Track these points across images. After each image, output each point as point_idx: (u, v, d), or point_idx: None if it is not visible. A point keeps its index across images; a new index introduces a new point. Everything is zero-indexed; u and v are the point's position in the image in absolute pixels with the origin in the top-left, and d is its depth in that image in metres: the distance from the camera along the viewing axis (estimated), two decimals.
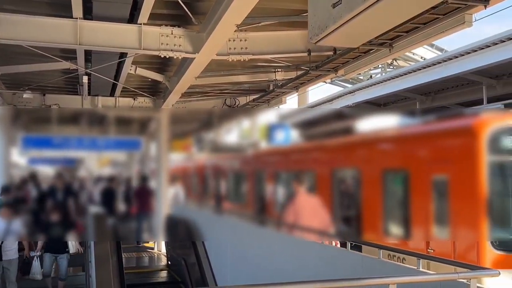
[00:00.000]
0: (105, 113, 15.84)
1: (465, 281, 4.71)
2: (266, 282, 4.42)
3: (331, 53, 9.32)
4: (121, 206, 8.20)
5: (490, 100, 15.91)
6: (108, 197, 7.97)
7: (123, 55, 10.43)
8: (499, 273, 4.54)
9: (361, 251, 8.29)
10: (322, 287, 4.06)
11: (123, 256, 9.42)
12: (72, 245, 10.93)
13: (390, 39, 7.49)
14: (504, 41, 13.50)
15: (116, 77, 12.59)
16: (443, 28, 6.83)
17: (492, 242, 7.55)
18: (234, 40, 9.12)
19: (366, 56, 8.96)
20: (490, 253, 7.55)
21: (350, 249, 7.95)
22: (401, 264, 7.38)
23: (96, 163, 8.66)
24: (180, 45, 8.68)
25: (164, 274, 13.54)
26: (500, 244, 7.53)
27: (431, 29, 6.63)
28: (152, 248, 17.75)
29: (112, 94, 15.04)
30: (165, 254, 15.02)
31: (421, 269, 6.07)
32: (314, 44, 5.73)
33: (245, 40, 9.13)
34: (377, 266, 6.95)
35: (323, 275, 6.39)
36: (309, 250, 8.74)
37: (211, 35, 7.95)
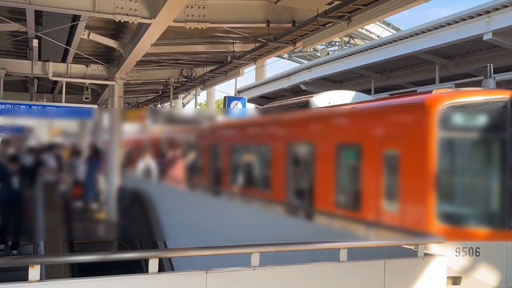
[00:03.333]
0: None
1: (412, 247, 4.87)
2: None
3: (290, 25, 9.27)
4: (71, 176, 7.97)
5: (442, 80, 16.33)
6: (57, 167, 7.71)
7: (76, 18, 10.03)
8: (445, 241, 4.71)
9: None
10: (273, 250, 4.07)
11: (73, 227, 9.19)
12: None
13: (349, 12, 7.49)
14: (458, 22, 13.79)
15: (69, 42, 12.14)
16: (402, 2, 6.88)
17: (439, 216, 7.78)
18: (192, 7, 8.92)
19: (324, 29, 8.95)
20: (437, 226, 7.78)
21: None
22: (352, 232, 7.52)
23: (47, 132, 8.34)
24: (136, 10, 8.42)
25: (115, 245, 13.34)
26: (446, 218, 7.77)
27: (389, 3, 6.66)
28: (104, 219, 17.44)
29: (64, 60, 14.51)
30: (117, 225, 14.77)
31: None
32: (273, 15, 5.70)
33: (204, 7, 8.94)
34: (328, 234, 7.06)
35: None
36: (261, 219, 8.81)
37: (168, 0, 7.74)
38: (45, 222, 8.27)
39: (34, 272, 3.34)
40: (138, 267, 11.03)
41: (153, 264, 3.67)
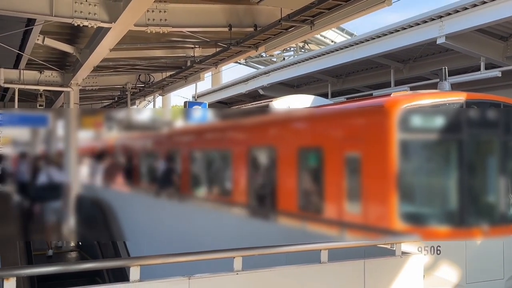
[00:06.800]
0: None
1: (388, 246, 4.96)
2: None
3: (252, 29, 9.27)
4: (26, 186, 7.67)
5: (397, 83, 16.73)
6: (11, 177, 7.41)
7: (30, 22, 9.72)
8: (421, 240, 4.83)
9: None
10: (255, 253, 4.06)
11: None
12: None
13: (312, 16, 7.55)
14: (412, 26, 14.16)
15: (21, 47, 11.75)
16: (364, 6, 6.98)
17: (401, 216, 7.92)
18: (153, 11, 8.80)
19: (287, 33, 9.00)
20: (400, 226, 7.91)
21: None
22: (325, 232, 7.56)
23: None
24: (95, 14, 8.24)
25: (74, 255, 13.02)
26: (408, 217, 7.92)
27: (352, 7, 6.75)
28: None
29: (16, 66, 14.04)
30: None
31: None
32: (235, 19, 5.67)
33: (165, 11, 8.84)
34: (301, 235, 7.07)
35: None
36: (229, 223, 8.76)
37: (129, 4, 7.61)
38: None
39: (10, 284, 3.25)
40: (98, 276, 10.80)
41: (135, 272, 3.59)
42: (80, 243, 13.27)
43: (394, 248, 4.85)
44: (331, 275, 4.42)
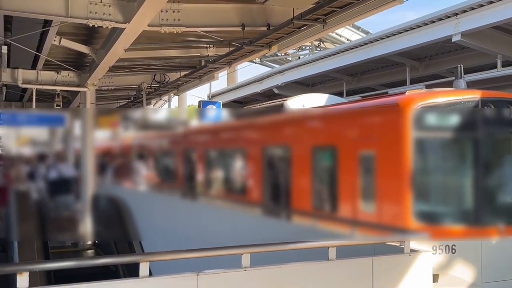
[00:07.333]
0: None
1: (398, 244, 4.96)
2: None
3: (264, 28, 9.29)
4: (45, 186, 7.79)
5: (413, 82, 16.62)
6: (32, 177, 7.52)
7: (46, 24, 9.86)
8: (429, 237, 4.82)
9: None
10: (263, 250, 4.09)
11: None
12: None
13: (324, 15, 7.55)
14: (427, 24, 14.06)
15: (39, 48, 11.93)
16: (376, 4, 6.95)
17: (416, 215, 7.88)
18: (166, 11, 8.87)
19: (300, 31, 9.01)
20: (414, 225, 7.88)
21: None
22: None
23: (14, 141, 8.10)
24: (110, 14, 8.33)
25: (90, 253, 13.16)
26: (423, 216, 7.88)
27: (364, 5, 6.73)
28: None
29: (33, 67, 14.25)
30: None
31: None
32: (248, 19, 5.69)
33: (178, 11, 8.90)
34: (311, 232, 7.09)
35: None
36: (241, 221, 8.80)
37: (143, 4, 7.67)
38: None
39: (23, 279, 3.31)
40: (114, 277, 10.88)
41: (144, 268, 3.64)
42: (96, 241, 13.42)
43: (403, 246, 4.85)
44: (339, 272, 4.43)
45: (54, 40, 11.08)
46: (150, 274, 3.77)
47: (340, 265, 4.40)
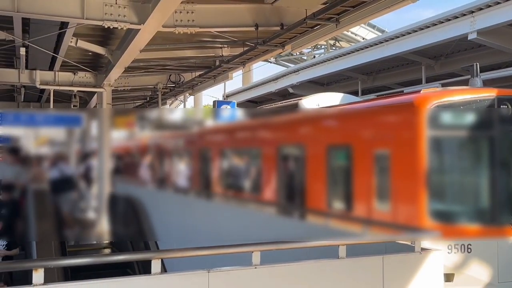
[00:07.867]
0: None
1: (409, 243, 4.97)
2: None
3: (278, 28, 9.32)
4: (63, 186, 7.90)
5: (429, 80, 16.49)
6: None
7: (63, 26, 10.00)
8: (441, 236, 4.80)
9: None
10: (273, 248, 4.12)
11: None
12: None
13: (337, 14, 7.55)
14: (442, 22, 13.95)
15: (56, 50, 12.10)
16: (389, 3, 6.94)
17: (431, 214, 7.84)
18: (180, 12, 8.94)
19: (313, 31, 9.02)
20: (429, 224, 7.84)
21: None
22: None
23: (33, 141, 8.21)
24: (124, 16, 8.42)
25: (107, 251, 13.29)
26: (438, 215, 7.84)
27: (377, 5, 6.72)
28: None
29: (51, 68, 14.45)
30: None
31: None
32: (261, 19, 5.73)
33: (192, 12, 8.97)
34: (322, 233, 7.10)
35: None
36: (255, 220, 8.82)
37: (157, 5, 7.75)
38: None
39: (38, 275, 3.37)
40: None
41: (156, 265, 3.70)
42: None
43: (414, 245, 4.84)
44: (349, 271, 4.43)
45: (71, 42, 11.23)
46: (165, 271, 3.82)
47: (350, 264, 4.42)
